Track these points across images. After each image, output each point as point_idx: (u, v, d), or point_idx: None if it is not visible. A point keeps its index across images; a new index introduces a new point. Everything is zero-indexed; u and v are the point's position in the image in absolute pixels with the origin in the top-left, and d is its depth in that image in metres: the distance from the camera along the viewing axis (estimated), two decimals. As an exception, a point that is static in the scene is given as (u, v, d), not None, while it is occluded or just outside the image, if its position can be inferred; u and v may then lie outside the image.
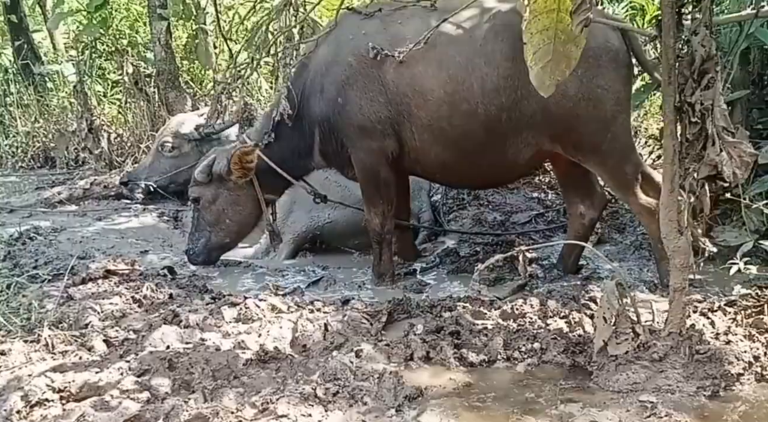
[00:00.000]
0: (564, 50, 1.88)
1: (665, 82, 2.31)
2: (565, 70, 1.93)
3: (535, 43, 1.88)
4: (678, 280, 2.53)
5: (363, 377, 2.59)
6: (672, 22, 2.23)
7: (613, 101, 3.32)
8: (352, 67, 3.55)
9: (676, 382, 2.46)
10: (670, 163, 2.42)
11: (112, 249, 4.29)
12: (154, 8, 5.95)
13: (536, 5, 1.85)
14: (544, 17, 1.86)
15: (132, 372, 2.58)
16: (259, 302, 3.25)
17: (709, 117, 2.35)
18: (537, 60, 1.90)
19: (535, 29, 1.88)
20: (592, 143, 3.39)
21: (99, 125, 6.36)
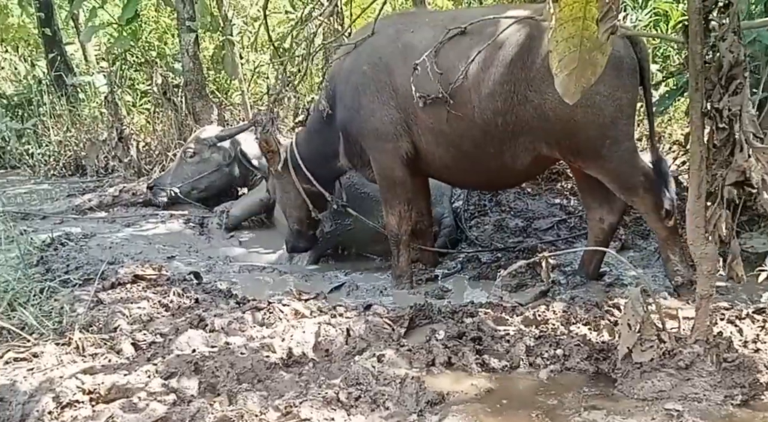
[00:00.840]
0: (590, 58, 1.88)
1: (692, 88, 2.29)
2: (590, 77, 1.93)
3: (561, 51, 1.89)
4: (705, 287, 2.49)
5: (385, 382, 2.60)
6: (699, 28, 2.21)
7: (614, 108, 3.27)
8: (366, 74, 3.71)
9: (703, 390, 2.42)
10: (697, 169, 2.39)
11: (140, 254, 4.38)
12: (183, 20, 6.07)
13: (562, 13, 1.86)
14: (569, 25, 1.86)
15: (159, 374, 2.64)
16: (283, 307, 3.29)
17: (737, 123, 2.33)
18: (562, 67, 1.90)
19: (560, 37, 1.88)
20: (590, 149, 3.36)
21: (128, 134, 6.51)
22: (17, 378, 2.55)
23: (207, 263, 4.32)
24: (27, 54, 10.96)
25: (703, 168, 2.36)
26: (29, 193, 6.71)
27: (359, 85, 3.73)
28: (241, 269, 4.25)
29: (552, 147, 3.41)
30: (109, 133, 6.53)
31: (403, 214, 3.86)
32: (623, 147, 3.35)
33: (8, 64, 10.41)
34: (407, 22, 3.79)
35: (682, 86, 4.61)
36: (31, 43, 10.93)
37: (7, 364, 2.73)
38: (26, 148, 7.96)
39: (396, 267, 3.93)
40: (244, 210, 5.38)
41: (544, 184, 5.09)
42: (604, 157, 3.35)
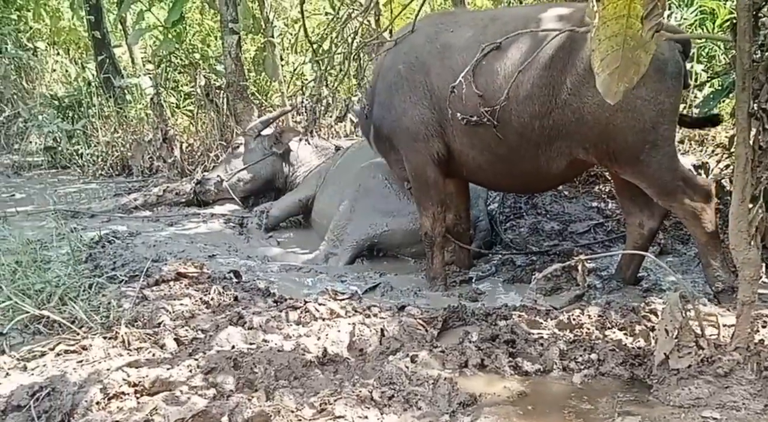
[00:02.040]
0: (633, 56, 1.87)
1: (739, 87, 2.24)
2: (633, 76, 1.91)
3: (603, 50, 1.88)
4: (746, 293, 2.45)
5: (418, 382, 2.64)
6: (748, 26, 2.16)
7: (655, 112, 3.19)
8: (400, 73, 3.74)
9: (742, 399, 2.38)
10: (742, 172, 2.34)
11: (183, 253, 4.51)
12: (227, 23, 6.22)
13: (606, 11, 1.85)
14: (613, 23, 1.85)
15: (200, 369, 2.73)
16: (319, 306, 3.36)
17: (784, 125, 2.28)
18: (605, 66, 1.89)
19: (603, 35, 1.87)
20: (629, 154, 3.29)
21: (172, 135, 6.70)
22: (67, 370, 2.67)
23: (246, 262, 4.43)
24: (77, 56, 11.38)
25: (748, 170, 2.31)
26: (78, 192, 6.98)
27: (393, 83, 3.78)
28: (279, 268, 4.34)
29: (589, 152, 3.37)
30: (154, 134, 6.74)
31: (437, 216, 3.87)
32: (663, 152, 3.28)
33: (60, 67, 10.82)
34: (447, 21, 3.78)
35: (727, 87, 4.50)
36: (81, 46, 11.33)
37: (59, 356, 2.87)
38: (76, 149, 8.26)
39: (430, 269, 3.96)
40: (283, 210, 5.49)
41: (581, 187, 5.04)
42: (642, 162, 3.29)
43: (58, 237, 4.54)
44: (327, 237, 4.70)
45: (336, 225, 4.69)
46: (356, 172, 4.84)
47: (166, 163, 6.69)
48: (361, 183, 4.71)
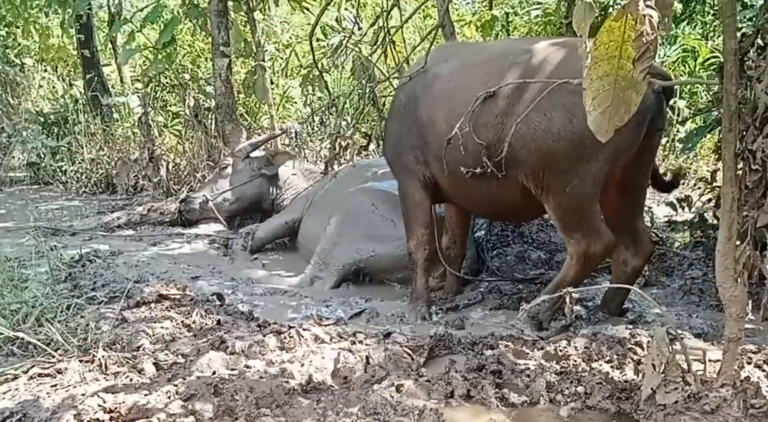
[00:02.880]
0: (624, 96, 1.89)
1: (726, 128, 2.28)
2: (624, 115, 1.93)
3: (595, 89, 1.90)
4: (733, 330, 2.45)
5: (403, 412, 2.59)
6: (735, 69, 2.21)
7: (598, 150, 3.15)
8: (401, 102, 3.95)
9: (729, 436, 2.37)
10: (728, 211, 2.36)
11: (165, 273, 4.44)
12: (218, 46, 6.24)
13: (598, 52, 1.87)
14: (605, 63, 1.87)
15: (179, 396, 2.65)
16: (303, 331, 3.30)
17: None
18: (596, 105, 1.92)
19: (595, 75, 1.89)
20: (558, 184, 3.30)
21: (159, 154, 6.66)
22: (41, 394, 2.59)
23: (230, 284, 4.36)
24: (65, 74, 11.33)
25: (735, 209, 2.33)
26: (60, 209, 6.88)
27: (394, 111, 4.01)
28: (263, 291, 4.28)
29: (528, 178, 3.37)
30: (141, 152, 6.69)
31: (420, 238, 3.91)
32: (587, 192, 3.28)
33: (47, 83, 10.76)
34: (447, 52, 3.96)
35: (710, 123, 4.58)
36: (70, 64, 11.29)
37: (32, 380, 2.78)
38: (60, 165, 8.18)
39: (413, 290, 3.99)
40: (268, 232, 5.44)
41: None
42: (566, 195, 3.29)
43: (37, 255, 4.45)
44: (313, 260, 4.66)
45: (322, 249, 4.65)
46: (344, 197, 4.82)
47: (151, 182, 6.63)
48: (349, 207, 4.70)
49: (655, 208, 5.98)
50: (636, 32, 1.69)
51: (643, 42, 1.71)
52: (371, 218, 4.57)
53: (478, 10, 8.75)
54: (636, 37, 1.70)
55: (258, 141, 5.90)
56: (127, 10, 8.23)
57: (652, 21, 1.69)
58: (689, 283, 4.23)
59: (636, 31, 1.69)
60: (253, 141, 5.90)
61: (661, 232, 5.27)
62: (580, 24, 1.80)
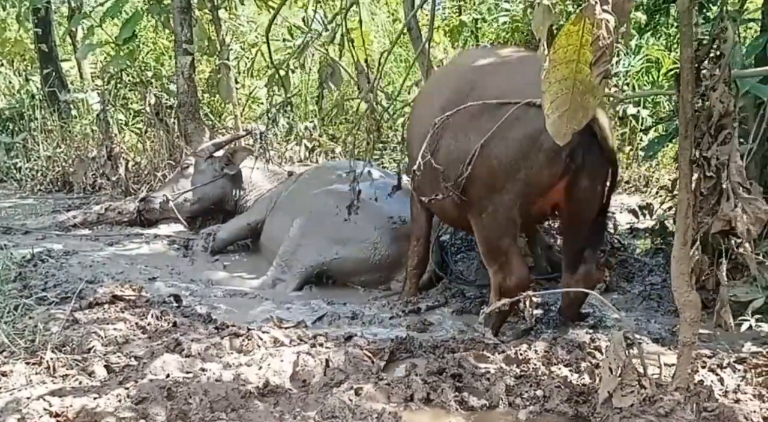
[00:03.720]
0: (582, 100, 1.90)
1: (682, 135, 2.32)
2: (582, 119, 1.94)
3: (553, 93, 1.91)
4: (687, 334, 2.49)
5: (362, 416, 2.55)
6: (691, 77, 2.25)
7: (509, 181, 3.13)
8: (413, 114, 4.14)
9: (682, 439, 2.40)
10: (683, 217, 2.40)
11: (121, 274, 4.31)
12: (180, 43, 6.11)
13: (556, 55, 1.88)
14: (563, 67, 1.88)
15: (130, 399, 2.57)
16: (262, 334, 3.24)
17: (724, 172, 2.36)
18: (554, 109, 1.92)
19: (553, 79, 1.90)
20: (475, 211, 3.30)
21: (118, 153, 6.49)
22: (-17, 398, 2.47)
23: (189, 286, 4.26)
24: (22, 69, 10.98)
25: (690, 215, 2.37)
26: (14, 207, 6.63)
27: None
28: (223, 293, 4.19)
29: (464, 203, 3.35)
30: (99, 150, 6.52)
31: (413, 248, 4.18)
32: (502, 219, 3.23)
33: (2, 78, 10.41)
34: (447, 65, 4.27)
35: (671, 132, 4.67)
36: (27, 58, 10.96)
37: (-26, 382, 2.66)
38: (14, 162, 7.90)
39: (402, 293, 4.24)
40: (231, 233, 5.34)
41: (532, 223, 5.09)
42: (483, 218, 3.29)
43: (-14, 254, 4.28)
44: (275, 262, 4.58)
45: (285, 250, 4.58)
46: (308, 198, 4.77)
47: (109, 180, 6.45)
48: (313, 209, 4.64)
49: (618, 215, 6.09)
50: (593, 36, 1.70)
51: (599, 46, 1.73)
52: (335, 220, 4.52)
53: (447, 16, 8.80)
54: (593, 41, 1.71)
55: (221, 141, 5.80)
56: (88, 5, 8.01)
57: (608, 25, 1.71)
58: (649, 289, 4.30)
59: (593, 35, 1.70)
60: (216, 141, 5.79)
61: (624, 239, 5.36)
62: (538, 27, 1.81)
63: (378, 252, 4.46)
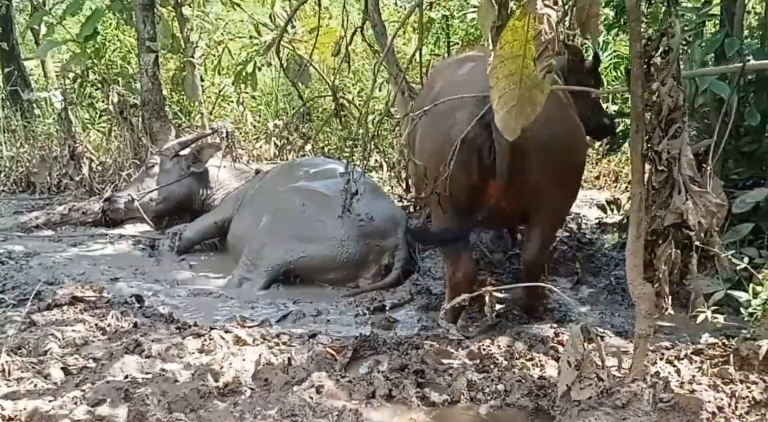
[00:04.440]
0: (529, 95, 1.91)
1: (633, 130, 2.35)
2: (530, 114, 1.95)
3: (501, 88, 1.91)
4: (643, 327, 2.52)
5: (322, 413, 2.54)
6: (640, 72, 2.28)
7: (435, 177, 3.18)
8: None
9: (639, 430, 2.43)
10: (636, 210, 2.43)
11: (83, 275, 4.23)
12: (143, 40, 6.02)
13: (503, 51, 1.89)
14: (509, 62, 1.89)
15: (86, 401, 2.53)
16: (225, 334, 3.21)
17: (675, 165, 2.40)
18: (503, 104, 1.92)
19: (501, 74, 1.91)
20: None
21: (81, 152, 6.36)
22: (-68, 403, 2.40)
23: (152, 286, 4.19)
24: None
25: (642, 209, 2.40)
26: (-24, 208, 6.46)
27: None
28: (187, 293, 4.14)
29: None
30: (61, 150, 6.39)
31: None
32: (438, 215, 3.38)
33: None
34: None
35: (633, 128, 4.73)
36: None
37: (-76, 387, 2.58)
38: (-24, 163, 7.68)
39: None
40: (197, 232, 5.27)
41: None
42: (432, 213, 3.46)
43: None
44: (241, 261, 4.54)
45: (251, 249, 4.54)
46: (274, 196, 4.73)
47: (73, 180, 6.32)
48: (279, 207, 4.61)
49: (587, 210, 6.16)
50: (535, 31, 1.71)
51: (541, 41, 1.74)
52: (302, 218, 4.49)
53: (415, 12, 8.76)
54: (535, 36, 1.72)
55: (186, 140, 5.72)
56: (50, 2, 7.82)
57: (550, 20, 1.72)
58: (614, 283, 4.35)
59: (535, 29, 1.71)
60: (181, 139, 5.71)
61: (591, 234, 5.42)
62: (483, 23, 1.81)
63: (345, 250, 4.44)
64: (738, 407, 2.54)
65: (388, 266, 4.52)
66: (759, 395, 2.56)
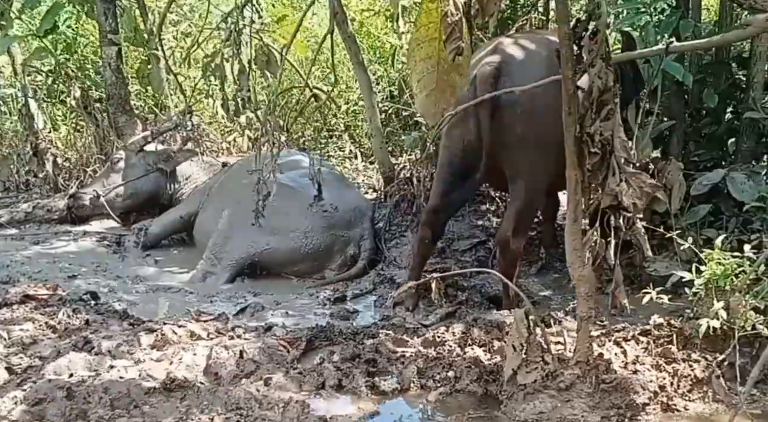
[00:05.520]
0: (448, 79, 1.88)
1: (566, 112, 2.33)
2: (450, 98, 1.93)
3: (419, 71, 1.89)
4: (584, 309, 2.52)
5: (268, 406, 2.53)
6: (570, 54, 2.26)
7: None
8: None
9: (582, 412, 2.44)
10: (573, 193, 2.43)
11: (39, 273, 4.17)
12: (105, 33, 5.93)
13: (419, 34, 1.86)
14: (426, 45, 1.86)
15: (26, 401, 2.49)
16: (178, 328, 3.18)
17: (609, 147, 2.38)
18: (422, 88, 1.90)
19: (418, 57, 1.88)
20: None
21: (44, 148, 6.26)
22: None
23: (110, 283, 4.15)
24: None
25: (579, 191, 2.39)
26: (-59, 208, 6.35)
27: None
28: (146, 289, 4.10)
29: None
30: (23, 146, 6.30)
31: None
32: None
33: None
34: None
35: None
36: (-44, 53, 10.48)
37: None
38: (-57, 162, 7.55)
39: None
40: (163, 227, 5.22)
41: (468, 205, 5.10)
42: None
43: None
44: (205, 255, 4.50)
45: (214, 243, 4.50)
46: (237, 189, 4.68)
47: (37, 177, 6.23)
48: (242, 200, 4.56)
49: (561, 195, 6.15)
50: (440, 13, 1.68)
51: (448, 22, 1.71)
52: (266, 210, 4.46)
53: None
54: (442, 18, 1.69)
55: (151, 133, 5.65)
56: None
57: (456, 2, 1.69)
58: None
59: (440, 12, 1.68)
60: (146, 133, 5.64)
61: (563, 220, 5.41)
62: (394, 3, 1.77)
63: (310, 242, 4.41)
64: (680, 386, 2.57)
65: (354, 257, 4.50)
66: (701, 373, 2.58)
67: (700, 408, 2.54)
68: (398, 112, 6.97)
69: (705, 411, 2.53)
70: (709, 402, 2.57)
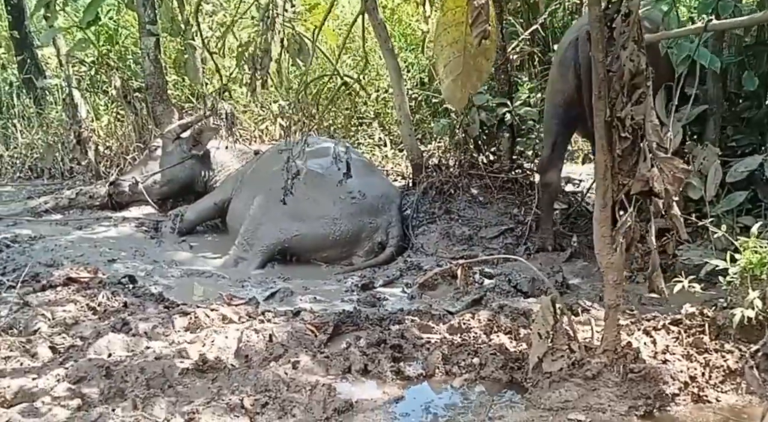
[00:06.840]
0: (474, 63, 1.88)
1: (596, 96, 2.30)
2: (476, 82, 1.92)
3: (446, 56, 1.88)
4: (612, 297, 2.49)
5: (296, 389, 2.59)
6: (601, 36, 2.22)
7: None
8: None
9: (608, 401, 2.42)
10: (602, 179, 2.39)
11: (81, 257, 4.33)
12: (144, 24, 6.07)
13: (445, 18, 1.86)
14: (453, 30, 1.85)
15: (68, 379, 2.61)
16: (210, 312, 3.27)
17: (640, 132, 2.33)
18: (448, 73, 1.90)
19: (445, 42, 1.88)
20: None
21: (86, 137, 6.47)
22: None
23: (148, 267, 4.28)
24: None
25: (609, 177, 2.36)
26: (-8, 195, 6.65)
27: None
28: (180, 273, 4.21)
29: None
30: (67, 135, 6.51)
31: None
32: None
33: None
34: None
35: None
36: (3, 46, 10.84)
37: None
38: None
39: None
40: (198, 214, 5.35)
41: (496, 193, 5.07)
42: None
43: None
44: (237, 241, 4.60)
45: (246, 229, 4.60)
46: (268, 176, 4.76)
47: (80, 165, 6.45)
48: (273, 187, 4.63)
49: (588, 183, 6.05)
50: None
51: (474, 6, 1.69)
52: (296, 197, 4.51)
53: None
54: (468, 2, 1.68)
55: (187, 122, 5.77)
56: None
57: (483, -15, 1.67)
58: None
59: (469, -5, 1.67)
60: (182, 122, 5.77)
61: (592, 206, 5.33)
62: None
63: (338, 228, 4.47)
64: (712, 376, 2.52)
65: (382, 243, 4.54)
66: (734, 364, 2.53)
67: (732, 399, 2.49)
68: (428, 99, 6.94)
69: (737, 402, 2.48)
70: (741, 394, 2.51)
